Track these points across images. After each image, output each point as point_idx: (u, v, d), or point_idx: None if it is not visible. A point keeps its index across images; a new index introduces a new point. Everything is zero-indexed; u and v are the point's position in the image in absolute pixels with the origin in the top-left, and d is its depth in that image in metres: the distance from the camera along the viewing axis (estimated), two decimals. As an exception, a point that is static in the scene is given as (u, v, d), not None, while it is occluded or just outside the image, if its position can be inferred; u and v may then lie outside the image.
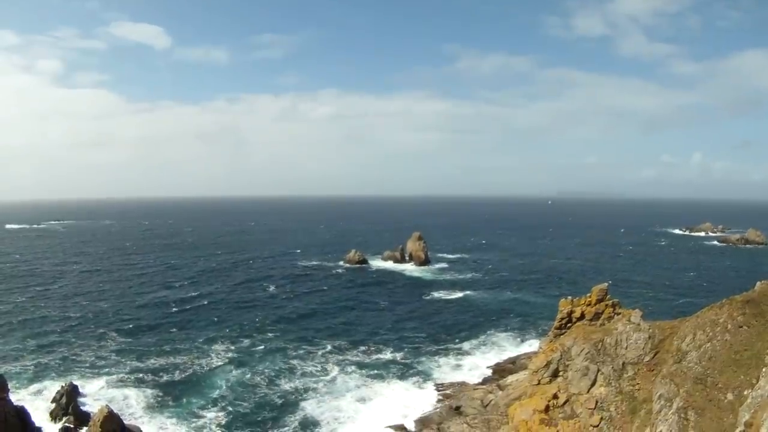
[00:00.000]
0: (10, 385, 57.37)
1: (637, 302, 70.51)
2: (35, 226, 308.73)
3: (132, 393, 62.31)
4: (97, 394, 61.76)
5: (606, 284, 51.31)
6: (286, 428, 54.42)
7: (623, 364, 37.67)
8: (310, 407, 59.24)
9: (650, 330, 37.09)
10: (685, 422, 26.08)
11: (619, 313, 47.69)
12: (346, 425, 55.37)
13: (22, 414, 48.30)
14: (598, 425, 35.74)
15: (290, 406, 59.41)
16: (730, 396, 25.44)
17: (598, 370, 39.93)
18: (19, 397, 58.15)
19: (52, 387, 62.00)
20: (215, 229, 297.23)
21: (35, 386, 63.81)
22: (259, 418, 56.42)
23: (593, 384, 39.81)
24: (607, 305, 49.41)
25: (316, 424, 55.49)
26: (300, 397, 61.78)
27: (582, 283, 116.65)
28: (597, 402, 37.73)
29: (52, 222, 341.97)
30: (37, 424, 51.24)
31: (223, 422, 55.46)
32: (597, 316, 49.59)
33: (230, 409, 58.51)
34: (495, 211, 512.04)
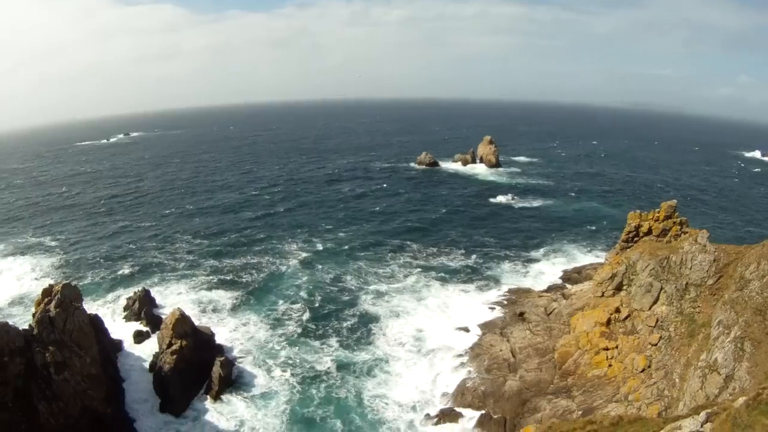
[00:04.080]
0: (87, 295, 62.11)
1: (704, 223, 67.76)
2: (104, 141, 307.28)
3: (206, 295, 67.38)
4: (169, 299, 66.33)
5: (675, 201, 49.96)
6: (347, 322, 59.77)
7: (686, 284, 37.78)
8: (370, 304, 63.88)
9: (716, 253, 36.59)
10: (741, 353, 26.56)
11: (686, 232, 46.77)
12: (405, 321, 59.40)
13: (95, 321, 50.93)
14: (656, 344, 36.76)
15: (353, 302, 64.51)
16: (787, 332, 25.62)
17: (661, 288, 40.39)
18: (94, 305, 63.39)
19: (127, 294, 66.69)
20: (290, 134, 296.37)
21: (110, 294, 68.53)
22: (325, 311, 62.08)
23: (655, 301, 40.49)
24: (674, 222, 48.54)
25: (375, 319, 60.24)
26: (363, 295, 66.49)
27: (652, 197, 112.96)
28: (657, 320, 38.54)
29: (121, 136, 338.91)
30: (111, 330, 55.17)
31: (294, 315, 61.34)
32: (664, 232, 48.97)
33: (299, 305, 63.99)
34: (568, 118, 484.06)
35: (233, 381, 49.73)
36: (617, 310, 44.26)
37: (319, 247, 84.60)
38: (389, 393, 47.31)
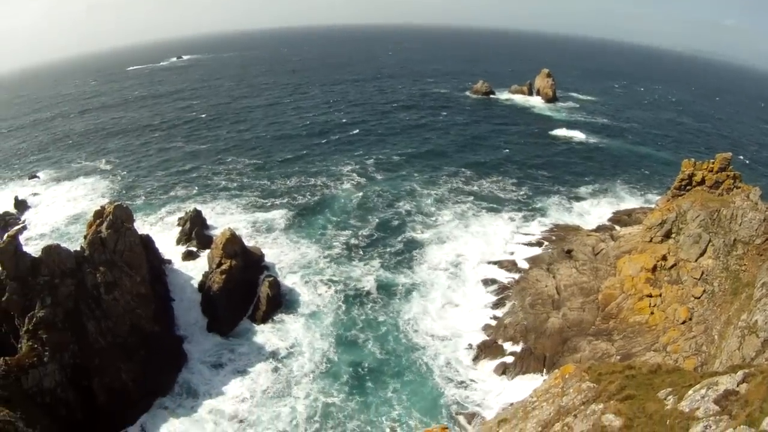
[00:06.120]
0: (140, 215, 64.60)
1: (757, 181, 65.06)
2: (156, 64, 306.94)
3: (258, 216, 69.80)
4: (221, 219, 68.38)
5: (730, 154, 48.95)
6: (395, 246, 62.17)
7: (734, 240, 38.13)
8: (418, 231, 65.87)
9: (767, 212, 36.76)
10: (781, 318, 27.31)
11: (739, 187, 46.28)
12: (450, 249, 61.05)
13: (146, 241, 50.93)
14: (699, 297, 37.65)
15: (402, 227, 66.84)
16: (829, 300, 26.10)
17: (710, 241, 40.80)
18: (146, 224, 65.99)
19: (179, 214, 68.91)
20: (346, 57, 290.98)
21: (162, 213, 71.14)
22: (375, 236, 64.69)
23: (702, 253, 40.99)
24: (728, 176, 47.83)
25: (420, 245, 62.21)
26: (412, 221, 68.55)
27: (708, 147, 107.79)
28: (703, 273, 39.19)
29: (174, 59, 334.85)
30: (161, 250, 55.68)
31: (342, 238, 64.06)
32: (717, 184, 48.45)
33: (349, 229, 66.57)
34: (630, 59, 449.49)
35: (281, 301, 50.63)
36: (664, 258, 44.56)
37: (373, 171, 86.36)
38: (431, 320, 48.93)
